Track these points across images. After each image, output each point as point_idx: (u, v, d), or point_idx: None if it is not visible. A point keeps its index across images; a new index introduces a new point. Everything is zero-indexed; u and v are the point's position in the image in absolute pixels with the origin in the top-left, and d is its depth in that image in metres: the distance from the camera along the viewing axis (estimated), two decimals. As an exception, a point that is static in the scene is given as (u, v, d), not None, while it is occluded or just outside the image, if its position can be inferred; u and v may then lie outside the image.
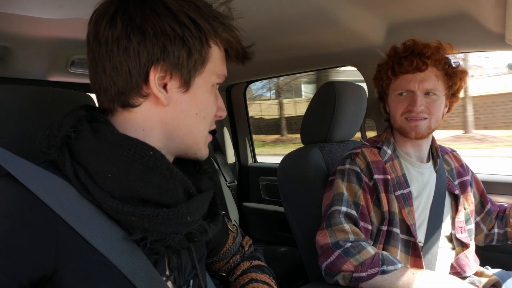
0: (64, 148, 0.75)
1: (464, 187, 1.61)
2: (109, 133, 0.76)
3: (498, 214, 1.66)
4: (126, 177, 0.73)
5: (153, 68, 0.76)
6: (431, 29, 1.76)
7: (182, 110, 0.82)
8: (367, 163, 1.48)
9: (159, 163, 0.76)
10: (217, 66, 0.85)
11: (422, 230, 1.47)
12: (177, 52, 0.77)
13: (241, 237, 1.24)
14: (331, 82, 1.80)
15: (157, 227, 0.74)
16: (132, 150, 0.75)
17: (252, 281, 1.11)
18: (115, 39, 0.75)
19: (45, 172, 0.73)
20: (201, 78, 0.82)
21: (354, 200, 1.43)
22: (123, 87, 0.78)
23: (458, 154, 1.72)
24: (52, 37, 1.69)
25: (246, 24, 0.87)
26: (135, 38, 0.75)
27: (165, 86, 0.79)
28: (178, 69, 0.78)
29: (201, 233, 0.84)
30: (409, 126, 1.46)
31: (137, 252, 0.77)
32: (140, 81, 0.77)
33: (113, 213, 0.73)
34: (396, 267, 1.28)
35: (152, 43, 0.75)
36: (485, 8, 1.52)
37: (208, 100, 0.85)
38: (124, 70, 0.76)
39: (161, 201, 0.76)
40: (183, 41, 0.77)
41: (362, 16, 1.71)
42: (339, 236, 1.35)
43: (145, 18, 0.75)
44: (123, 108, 0.80)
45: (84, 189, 0.73)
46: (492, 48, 1.85)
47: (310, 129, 1.86)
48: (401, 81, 1.47)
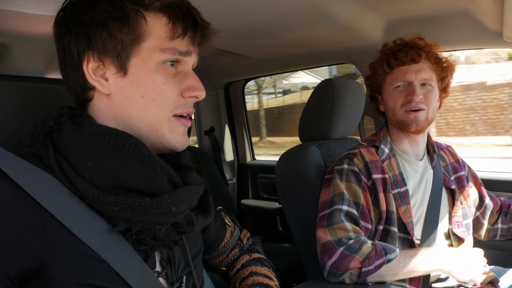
0: (47, 141, 0.76)
1: (460, 182, 1.62)
2: (89, 125, 0.77)
3: (502, 209, 1.66)
4: (107, 165, 0.73)
5: (85, 60, 0.77)
6: (429, 27, 1.76)
7: (126, 96, 0.79)
8: (365, 163, 1.48)
9: (139, 151, 0.75)
10: (161, 40, 0.79)
11: (419, 227, 1.48)
12: (100, 39, 0.76)
13: (239, 230, 1.23)
14: (330, 79, 1.80)
15: (140, 217, 0.73)
16: (112, 139, 0.75)
17: (252, 274, 1.11)
18: (60, 39, 0.80)
19: (31, 166, 0.74)
20: (139, 58, 0.78)
21: (354, 200, 1.43)
22: (74, 83, 0.81)
23: (454, 150, 1.73)
24: (49, 34, 1.67)
25: (244, 21, 0.86)
26: (66, 36, 0.78)
27: (103, 75, 0.79)
28: (107, 54, 0.77)
29: (188, 224, 0.82)
30: (409, 118, 1.47)
31: (124, 244, 0.76)
32: (79, 75, 0.79)
33: (95, 203, 0.72)
34: (396, 253, 1.33)
35: (75, 35, 0.77)
36: (483, 6, 1.52)
37: (153, 80, 0.79)
38: (68, 67, 0.80)
39: (143, 189, 0.75)
40: (102, 25, 0.75)
41: (361, 13, 1.71)
42: (340, 234, 1.36)
43: (68, 13, 0.78)
44: (89, 101, 0.83)
45: (67, 180, 0.73)
46: (490, 46, 1.86)
47: (308, 126, 1.86)
48: (397, 74, 1.49)
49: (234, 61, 2.28)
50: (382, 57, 1.54)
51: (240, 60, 2.33)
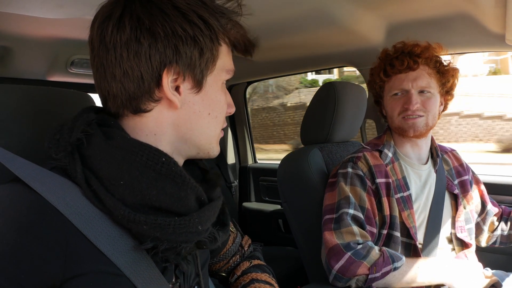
0: (75, 154, 0.73)
1: (463, 186, 1.61)
2: (121, 138, 0.74)
3: (503, 216, 1.65)
4: (139, 184, 0.71)
5: (166, 71, 0.74)
6: (431, 29, 1.76)
7: (194, 111, 0.80)
8: (369, 167, 1.48)
9: (171, 170, 0.74)
10: (226, 62, 0.83)
11: (422, 231, 1.47)
12: (190, 53, 0.75)
13: (241, 237, 1.23)
14: (331, 83, 1.80)
15: (168, 236, 0.72)
16: (145, 157, 0.72)
17: (253, 281, 1.10)
18: (124, 44, 0.73)
19: (57, 177, 0.71)
20: (212, 77, 0.81)
21: (360, 204, 1.43)
22: (135, 93, 0.75)
23: (458, 154, 1.72)
24: (52, 37, 1.69)
25: (246, 25, 0.86)
26: (145, 41, 0.72)
27: (177, 88, 0.77)
28: (191, 70, 0.76)
29: (211, 241, 0.83)
30: (406, 124, 1.47)
31: (147, 261, 0.76)
32: (153, 85, 0.75)
33: (124, 221, 0.70)
34: (402, 261, 1.33)
35: (164, 45, 0.73)
36: (485, 8, 1.52)
37: (220, 99, 0.84)
38: (135, 75, 0.74)
39: (172, 209, 0.74)
40: (195, 41, 0.75)
41: (362, 16, 1.71)
42: (347, 239, 1.35)
43: (154, 19, 0.73)
44: (134, 113, 0.78)
45: (94, 196, 0.71)
46: (492, 49, 1.85)
47: (310, 129, 1.86)
48: (394, 82, 1.49)
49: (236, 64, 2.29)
50: (380, 64, 1.54)
51: (241, 63, 2.33)
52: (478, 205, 1.64)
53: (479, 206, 1.64)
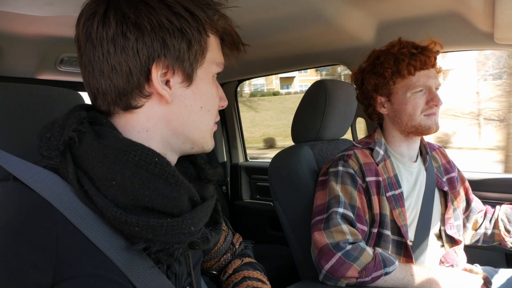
0: (67, 153, 0.71)
1: (451, 183, 1.62)
2: (113, 138, 0.72)
3: (486, 215, 1.66)
4: (131, 185, 0.70)
5: (155, 65, 0.73)
6: (420, 28, 1.77)
7: (186, 105, 0.79)
8: (360, 165, 1.47)
9: (164, 170, 0.73)
10: (216, 54, 0.82)
11: (412, 228, 1.47)
12: (178, 45, 0.74)
13: (232, 235, 1.23)
14: (322, 81, 1.80)
15: (160, 237, 0.72)
16: (137, 156, 0.71)
17: (246, 279, 1.10)
18: (111, 39, 0.72)
19: (51, 174, 0.71)
20: (202, 70, 0.80)
21: (350, 202, 1.42)
22: (124, 89, 0.74)
23: (445, 151, 1.73)
24: (41, 34, 1.68)
25: (235, 23, 0.86)
26: (132, 36, 0.71)
27: (167, 82, 0.76)
28: (180, 62, 0.75)
29: (203, 242, 0.82)
30: (430, 121, 1.45)
31: (145, 259, 0.75)
32: (142, 80, 0.74)
33: (116, 223, 0.69)
34: (395, 266, 1.32)
35: (151, 38, 0.72)
36: (474, 7, 1.53)
37: (211, 92, 0.83)
38: (124, 70, 0.73)
39: (165, 210, 0.73)
40: (182, 32, 0.74)
41: (352, 14, 1.72)
42: (337, 238, 1.35)
43: (140, 13, 0.72)
44: (125, 110, 0.76)
45: (86, 196, 0.70)
46: (481, 47, 1.87)
47: (300, 127, 1.86)
48: (419, 78, 1.43)
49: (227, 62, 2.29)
50: (399, 58, 1.44)
51: (232, 61, 2.32)
52: (463, 202, 1.65)
53: (464, 203, 1.65)
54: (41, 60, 1.90)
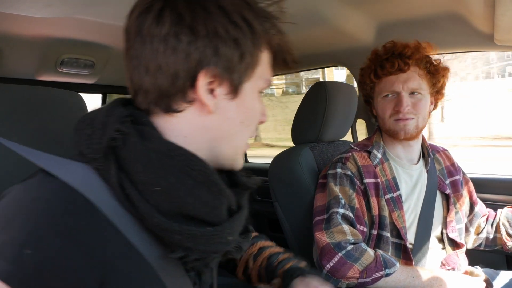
0: (110, 155, 0.67)
1: (455, 186, 1.61)
2: (157, 140, 0.70)
3: (488, 219, 1.65)
4: (176, 191, 0.67)
5: (203, 72, 0.70)
6: (420, 29, 1.77)
7: (227, 118, 0.75)
8: (358, 167, 1.47)
9: (208, 178, 0.69)
10: (265, 70, 0.78)
11: (412, 231, 1.47)
12: (230, 55, 0.70)
13: None
14: (322, 82, 1.80)
15: (200, 246, 0.69)
16: (182, 162, 0.68)
17: (265, 248, 1.09)
18: (163, 38, 0.69)
19: (93, 175, 0.67)
20: (249, 84, 0.76)
21: (349, 203, 1.42)
22: (168, 90, 0.71)
23: (450, 153, 1.72)
24: (41, 36, 1.68)
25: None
26: (185, 38, 0.68)
27: (211, 91, 0.72)
28: (229, 74, 0.72)
29: (237, 251, 0.79)
30: (398, 126, 1.46)
31: (173, 269, 0.73)
32: (187, 84, 0.70)
33: (157, 229, 0.66)
34: (396, 268, 1.32)
35: (204, 44, 0.69)
36: (474, 8, 1.53)
37: (255, 107, 0.79)
38: (170, 71, 0.69)
39: (206, 219, 0.70)
40: (236, 43, 0.70)
41: (352, 15, 1.72)
42: (338, 238, 1.35)
43: (196, 16, 0.68)
44: (165, 112, 0.73)
45: (127, 200, 0.66)
46: (481, 48, 1.86)
47: (301, 129, 1.86)
48: (385, 84, 1.47)
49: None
50: (369, 65, 1.51)
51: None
52: (467, 206, 1.64)
53: (467, 207, 1.64)
54: (41, 62, 1.90)
